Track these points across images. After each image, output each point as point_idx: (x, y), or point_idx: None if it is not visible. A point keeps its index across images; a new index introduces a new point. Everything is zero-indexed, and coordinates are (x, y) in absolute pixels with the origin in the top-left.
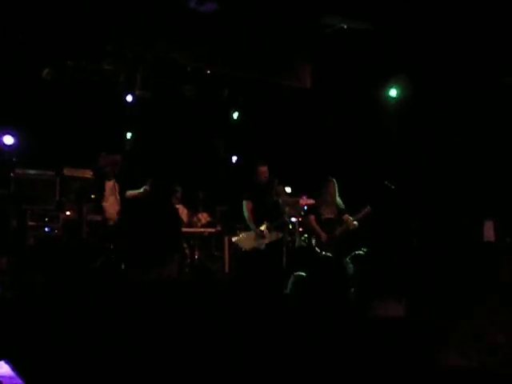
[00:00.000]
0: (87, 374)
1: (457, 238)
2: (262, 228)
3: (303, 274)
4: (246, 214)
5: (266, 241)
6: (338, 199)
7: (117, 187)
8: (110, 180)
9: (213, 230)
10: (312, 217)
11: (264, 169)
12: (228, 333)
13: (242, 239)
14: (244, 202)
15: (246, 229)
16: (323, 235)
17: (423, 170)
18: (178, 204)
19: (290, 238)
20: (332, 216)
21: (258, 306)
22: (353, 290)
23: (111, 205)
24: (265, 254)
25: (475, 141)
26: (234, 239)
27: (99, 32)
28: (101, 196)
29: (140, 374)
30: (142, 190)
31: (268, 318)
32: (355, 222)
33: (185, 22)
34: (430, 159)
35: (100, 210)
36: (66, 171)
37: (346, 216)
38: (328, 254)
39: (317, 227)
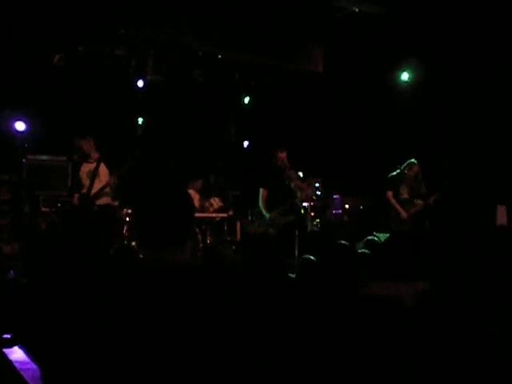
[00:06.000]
0: (102, 361)
1: (470, 222)
2: (272, 216)
3: (312, 257)
4: (260, 201)
5: (275, 228)
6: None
7: (99, 169)
8: (86, 162)
9: (225, 214)
10: (390, 193)
11: (283, 155)
12: (239, 318)
13: (253, 226)
14: (261, 190)
15: (258, 215)
16: (403, 213)
17: (436, 154)
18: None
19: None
20: (407, 197)
21: (262, 290)
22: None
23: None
24: (275, 238)
25: (488, 124)
26: (247, 229)
27: (110, 17)
28: (78, 183)
29: (154, 361)
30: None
31: (272, 302)
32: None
33: (196, 5)
34: (443, 143)
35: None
36: (78, 157)
37: (418, 201)
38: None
39: (396, 204)
